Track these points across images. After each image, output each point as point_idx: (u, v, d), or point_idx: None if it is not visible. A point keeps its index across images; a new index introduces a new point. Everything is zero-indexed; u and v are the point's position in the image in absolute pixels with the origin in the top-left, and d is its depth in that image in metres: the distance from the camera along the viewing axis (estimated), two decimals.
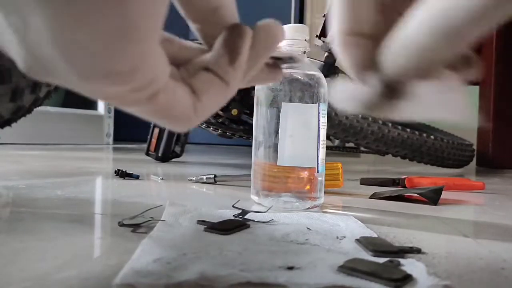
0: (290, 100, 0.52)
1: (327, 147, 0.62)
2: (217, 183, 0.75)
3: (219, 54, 0.24)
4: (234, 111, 1.05)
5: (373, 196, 0.67)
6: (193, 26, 0.25)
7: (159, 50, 0.20)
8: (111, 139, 2.39)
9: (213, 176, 0.75)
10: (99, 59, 0.18)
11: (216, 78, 0.24)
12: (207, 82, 0.24)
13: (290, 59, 0.29)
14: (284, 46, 0.54)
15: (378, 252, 0.32)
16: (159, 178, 0.80)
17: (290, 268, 0.28)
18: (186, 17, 0.24)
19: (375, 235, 0.39)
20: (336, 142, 1.27)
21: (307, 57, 0.56)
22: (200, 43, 0.26)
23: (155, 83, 0.21)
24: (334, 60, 1.04)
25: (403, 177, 0.82)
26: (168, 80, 0.22)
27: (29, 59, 0.19)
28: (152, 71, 0.20)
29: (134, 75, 0.19)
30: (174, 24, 0.33)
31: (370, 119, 1.08)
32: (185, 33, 0.28)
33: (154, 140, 1.21)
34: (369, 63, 0.24)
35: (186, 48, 0.25)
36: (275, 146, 0.52)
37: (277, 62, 0.29)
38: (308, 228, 0.40)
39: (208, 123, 1.08)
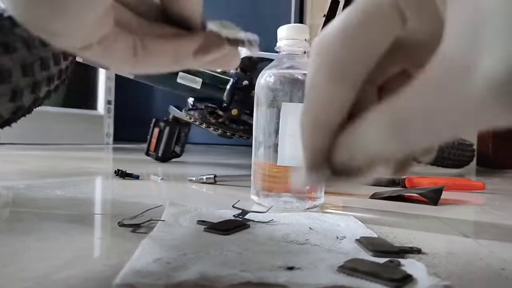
0: (290, 100, 0.52)
1: None
2: (217, 183, 0.75)
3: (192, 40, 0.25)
4: (234, 111, 1.05)
5: (373, 196, 0.67)
6: None
7: (91, 18, 0.21)
8: (111, 139, 2.38)
9: (213, 176, 0.75)
10: (30, 18, 0.20)
11: (172, 49, 0.25)
12: (160, 48, 0.25)
13: (247, 43, 0.27)
14: (284, 46, 0.54)
15: (378, 252, 0.32)
16: (159, 178, 0.80)
17: (290, 268, 0.28)
18: None
19: (375, 235, 0.39)
20: None
21: (307, 57, 0.56)
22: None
23: (84, 41, 0.22)
24: None
25: (403, 177, 0.82)
26: (109, 33, 0.23)
27: None
28: (79, 35, 0.21)
29: (58, 37, 0.21)
30: None
31: None
32: None
33: (154, 140, 1.21)
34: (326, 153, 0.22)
35: (144, 4, 0.26)
36: (275, 146, 0.52)
37: (234, 46, 0.27)
38: (309, 228, 0.40)
39: (208, 123, 1.08)
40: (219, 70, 1.10)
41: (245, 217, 0.44)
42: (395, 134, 0.18)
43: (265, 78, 0.53)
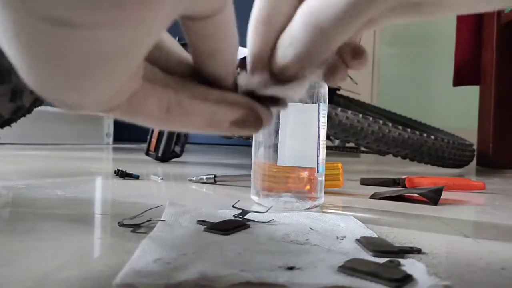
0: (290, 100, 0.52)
1: (327, 147, 0.62)
2: (217, 183, 0.75)
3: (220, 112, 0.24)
4: None
5: (373, 196, 0.67)
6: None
7: (114, 87, 0.19)
8: (111, 139, 2.38)
9: (213, 176, 0.75)
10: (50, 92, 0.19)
11: (210, 113, 0.24)
12: (198, 109, 0.24)
13: (282, 101, 0.26)
14: None
15: (378, 252, 0.32)
16: (159, 178, 0.80)
17: (290, 268, 0.28)
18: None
19: (375, 235, 0.39)
20: (336, 142, 1.27)
21: None
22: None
23: (106, 107, 0.20)
24: None
25: (403, 177, 0.82)
26: (137, 90, 0.21)
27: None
28: (100, 104, 0.20)
29: (81, 108, 0.20)
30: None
31: (370, 119, 1.08)
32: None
33: (154, 140, 1.21)
34: (267, 52, 0.24)
35: (173, 61, 0.25)
36: (275, 146, 0.52)
37: (267, 105, 0.26)
38: (309, 228, 0.40)
39: None
40: None
41: (245, 217, 0.44)
42: (312, 29, 0.21)
43: None
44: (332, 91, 1.16)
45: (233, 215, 0.45)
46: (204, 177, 0.75)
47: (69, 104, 0.19)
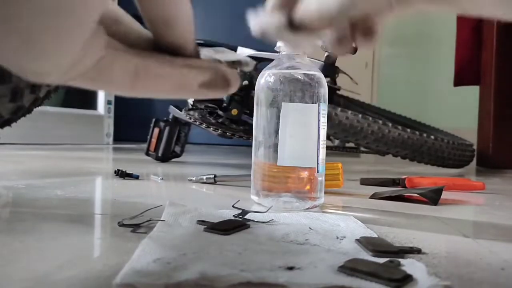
0: (290, 100, 0.52)
1: (327, 147, 0.62)
2: (217, 183, 0.75)
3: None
4: (234, 111, 1.05)
5: (373, 196, 0.67)
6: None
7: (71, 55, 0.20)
8: (111, 139, 2.38)
9: (213, 176, 0.75)
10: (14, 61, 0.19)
11: (178, 75, 0.25)
12: (165, 72, 0.25)
13: (243, 63, 0.29)
14: (284, 46, 0.54)
15: (378, 252, 0.32)
16: (159, 178, 0.80)
17: (290, 268, 0.28)
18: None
19: (375, 235, 0.39)
20: (336, 142, 1.27)
21: (307, 57, 0.56)
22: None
23: (73, 74, 0.21)
24: (334, 60, 1.04)
25: (403, 177, 0.82)
26: (103, 57, 0.22)
27: None
28: (64, 71, 0.20)
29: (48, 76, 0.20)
30: None
31: (370, 119, 1.08)
32: None
33: (154, 140, 1.21)
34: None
35: (133, 35, 0.26)
36: (275, 146, 0.52)
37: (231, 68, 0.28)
38: (309, 228, 0.40)
39: (208, 123, 1.08)
40: None
41: (245, 217, 0.44)
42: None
43: (265, 78, 0.53)
44: (332, 91, 1.16)
45: (233, 215, 0.45)
46: (204, 177, 0.75)
47: (33, 72, 0.20)
